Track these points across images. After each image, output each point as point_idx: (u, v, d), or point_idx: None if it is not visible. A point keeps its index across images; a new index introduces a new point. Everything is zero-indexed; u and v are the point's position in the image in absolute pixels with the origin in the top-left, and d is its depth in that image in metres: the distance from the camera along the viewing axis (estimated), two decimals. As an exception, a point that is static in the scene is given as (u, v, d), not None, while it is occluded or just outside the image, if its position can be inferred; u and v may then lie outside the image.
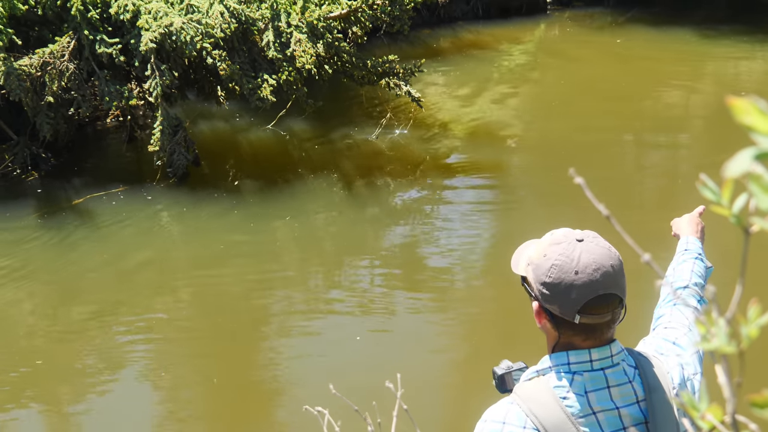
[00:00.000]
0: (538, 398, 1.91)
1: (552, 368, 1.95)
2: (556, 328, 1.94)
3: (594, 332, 1.91)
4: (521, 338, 5.84)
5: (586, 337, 1.92)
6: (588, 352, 1.92)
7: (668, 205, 7.96)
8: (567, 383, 1.92)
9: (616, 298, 1.91)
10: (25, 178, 8.69)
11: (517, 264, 2.04)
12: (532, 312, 1.97)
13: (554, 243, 1.94)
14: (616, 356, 1.94)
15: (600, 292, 1.88)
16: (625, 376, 1.94)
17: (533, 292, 1.96)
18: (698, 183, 0.78)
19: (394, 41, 13.66)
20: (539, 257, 1.94)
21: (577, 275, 1.87)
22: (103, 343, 6.11)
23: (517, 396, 1.94)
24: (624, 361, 1.96)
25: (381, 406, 1.99)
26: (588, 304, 1.88)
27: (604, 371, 1.92)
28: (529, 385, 1.96)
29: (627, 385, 1.93)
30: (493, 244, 7.55)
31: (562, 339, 1.94)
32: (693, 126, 10.32)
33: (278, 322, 6.41)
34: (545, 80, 12.31)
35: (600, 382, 1.92)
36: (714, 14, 15.19)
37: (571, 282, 1.88)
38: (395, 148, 9.42)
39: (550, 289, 1.90)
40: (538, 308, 1.96)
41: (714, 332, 0.78)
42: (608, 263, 1.89)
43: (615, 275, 1.90)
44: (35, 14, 8.41)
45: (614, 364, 1.93)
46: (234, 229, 7.70)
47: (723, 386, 0.79)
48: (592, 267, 1.88)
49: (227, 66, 8.09)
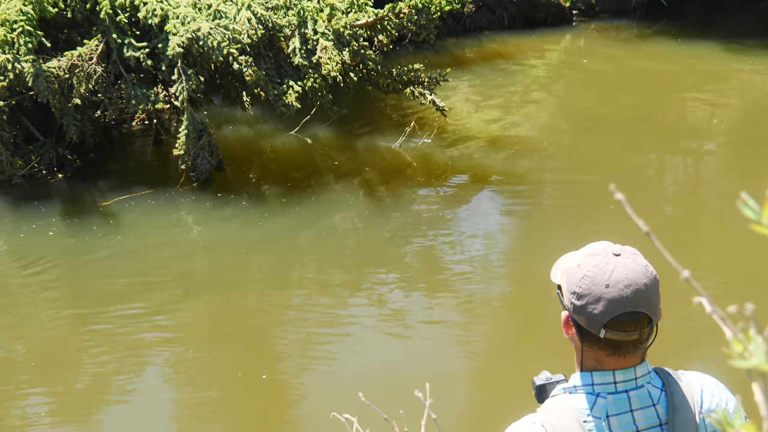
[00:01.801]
0: (561, 419, 1.90)
1: (577, 388, 1.94)
2: (582, 341, 1.93)
3: (619, 349, 1.89)
4: (546, 348, 5.84)
5: (610, 353, 1.89)
6: (612, 373, 1.90)
7: (698, 221, 7.94)
8: (590, 405, 1.91)
9: (645, 317, 1.87)
10: (50, 180, 8.76)
11: (555, 273, 2.03)
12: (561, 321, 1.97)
13: (591, 254, 1.92)
14: (641, 378, 1.92)
15: (628, 309, 1.85)
16: (650, 399, 1.91)
17: (564, 301, 1.96)
18: (739, 201, 0.78)
19: (419, 50, 13.67)
20: (574, 267, 1.92)
21: (607, 288, 1.85)
22: (125, 345, 6.14)
23: (542, 415, 1.94)
24: (650, 383, 1.93)
25: (409, 414, 2.00)
26: (614, 319, 1.85)
27: (628, 393, 1.90)
28: (555, 403, 1.95)
29: (650, 409, 1.91)
30: (517, 255, 7.54)
31: (586, 352, 1.93)
32: (720, 140, 10.26)
33: (302, 329, 6.42)
34: (570, 91, 12.29)
35: (623, 406, 1.90)
36: (740, 28, 15.11)
37: (600, 295, 1.85)
38: (419, 157, 9.43)
39: (579, 300, 1.88)
40: (567, 318, 1.95)
41: (752, 350, 0.78)
42: (642, 281, 1.86)
43: (647, 294, 1.86)
44: (64, 17, 8.49)
45: (638, 386, 1.91)
46: (256, 235, 7.72)
47: (760, 405, 0.79)
48: (624, 282, 1.85)
49: (253, 72, 8.13)
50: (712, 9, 16.75)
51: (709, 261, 6.92)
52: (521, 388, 2.63)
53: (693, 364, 3.37)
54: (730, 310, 0.81)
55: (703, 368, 2.14)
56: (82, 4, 8.40)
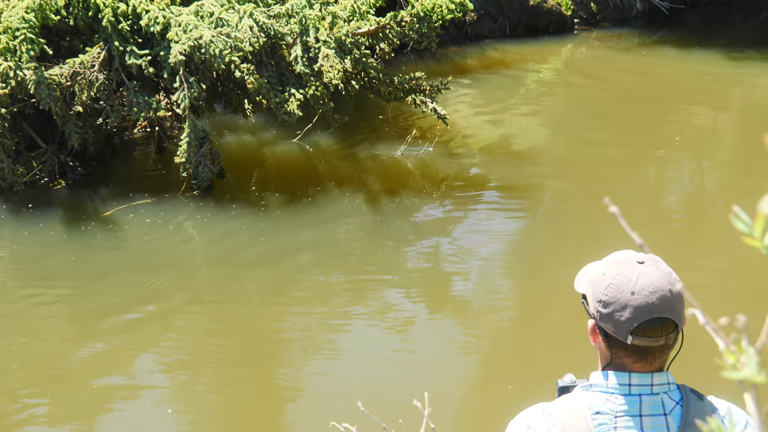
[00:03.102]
0: (571, 412, 1.93)
1: (593, 386, 1.97)
2: (609, 348, 1.96)
3: (646, 355, 1.93)
4: (547, 358, 5.84)
5: (637, 359, 1.93)
6: (628, 375, 1.94)
7: (697, 232, 7.95)
8: (602, 403, 1.93)
9: (671, 322, 1.92)
10: (52, 187, 8.77)
11: (579, 282, 2.07)
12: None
13: (615, 263, 1.96)
14: (657, 387, 1.94)
15: (655, 315, 1.89)
16: (662, 408, 1.93)
17: (590, 310, 1.99)
18: (731, 215, 0.79)
19: (421, 58, 13.70)
20: (599, 276, 1.96)
21: (633, 296, 1.89)
22: (125, 354, 6.15)
23: (554, 405, 1.97)
24: (666, 393, 1.95)
25: (407, 424, 2.00)
26: (641, 325, 1.89)
27: (640, 397, 1.93)
28: (569, 398, 1.99)
29: (660, 417, 1.93)
30: (518, 265, 7.54)
31: (614, 359, 1.96)
32: (720, 150, 10.27)
33: (301, 337, 6.42)
34: (571, 100, 12.31)
35: (633, 409, 1.92)
36: (741, 38, 15.14)
37: (627, 302, 1.90)
38: (420, 165, 9.44)
39: (606, 308, 1.92)
40: (593, 327, 1.99)
41: (744, 361, 0.79)
42: (666, 287, 1.90)
43: (672, 300, 1.90)
44: (67, 25, 8.51)
45: (653, 393, 1.93)
46: (256, 244, 7.73)
47: (752, 415, 0.80)
48: (649, 289, 1.89)
49: (255, 79, 8.15)
50: (713, 18, 16.79)
51: (710, 272, 6.93)
52: (520, 398, 2.64)
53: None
54: (722, 322, 0.82)
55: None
56: (84, 12, 8.43)
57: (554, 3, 15.78)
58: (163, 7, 8.41)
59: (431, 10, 8.80)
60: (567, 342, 5.83)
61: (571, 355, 5.50)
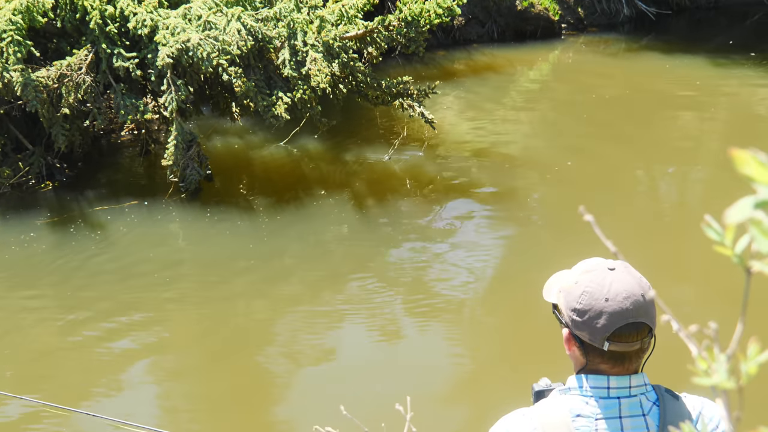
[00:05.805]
0: (552, 416, 1.95)
1: (571, 390, 1.99)
2: (585, 355, 1.97)
3: (623, 361, 1.95)
4: (532, 362, 5.86)
5: (614, 365, 1.95)
6: (607, 378, 1.96)
7: (680, 236, 7.98)
8: (581, 406, 1.95)
9: (645, 327, 1.94)
10: (39, 189, 8.75)
11: (549, 292, 2.08)
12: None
13: (586, 271, 1.98)
14: (635, 389, 1.96)
15: (630, 320, 1.91)
16: (640, 409, 1.96)
17: (564, 318, 2.00)
18: (703, 224, 0.81)
19: (408, 62, 13.73)
20: (571, 284, 1.98)
21: (608, 302, 1.91)
22: (112, 357, 6.14)
23: (534, 410, 1.98)
24: (644, 395, 1.97)
25: (389, 428, 2.02)
26: (617, 331, 1.91)
27: (619, 400, 1.95)
28: (549, 402, 2.00)
29: (640, 418, 1.95)
30: (505, 268, 7.56)
31: (589, 365, 1.98)
32: (704, 155, 10.32)
33: (286, 340, 6.42)
34: (559, 105, 12.35)
35: (613, 411, 1.94)
36: (727, 43, 15.22)
37: (601, 309, 1.91)
38: (408, 169, 9.46)
39: (581, 316, 1.94)
40: (568, 335, 2.00)
41: (715, 368, 0.80)
42: (639, 292, 1.92)
43: (645, 305, 1.93)
44: (54, 27, 8.50)
45: (631, 395, 1.96)
46: (243, 246, 7.73)
47: (723, 419, 0.82)
48: (623, 295, 1.91)
49: (242, 83, 8.15)
50: (700, 23, 16.87)
51: (694, 280, 6.96)
52: (504, 402, 2.65)
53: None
54: (691, 329, 0.84)
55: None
56: (71, 14, 8.42)
57: (542, 8, 15.84)
58: (150, 9, 8.41)
59: (419, 14, 8.82)
60: (553, 348, 5.84)
61: (557, 360, 5.52)
